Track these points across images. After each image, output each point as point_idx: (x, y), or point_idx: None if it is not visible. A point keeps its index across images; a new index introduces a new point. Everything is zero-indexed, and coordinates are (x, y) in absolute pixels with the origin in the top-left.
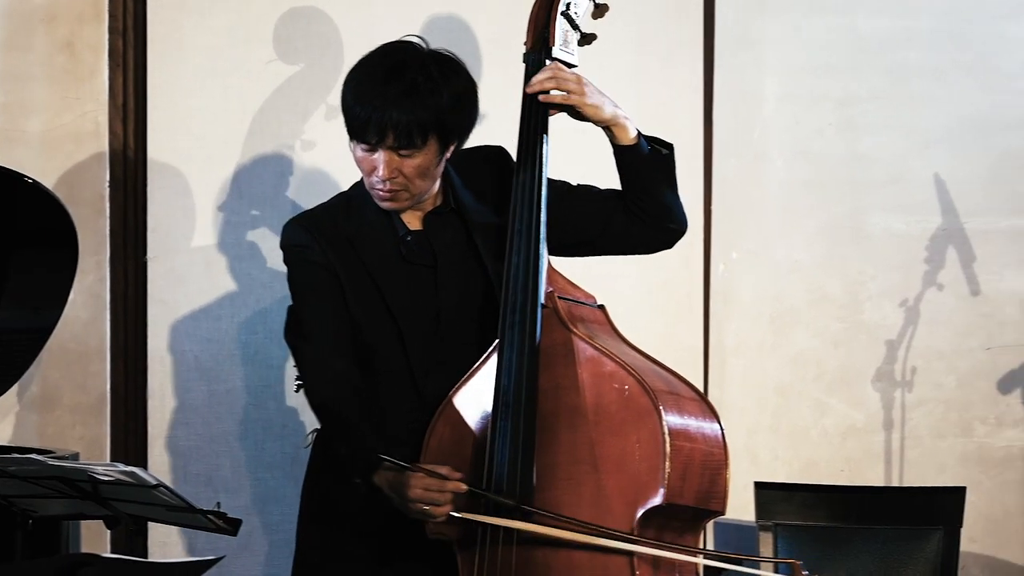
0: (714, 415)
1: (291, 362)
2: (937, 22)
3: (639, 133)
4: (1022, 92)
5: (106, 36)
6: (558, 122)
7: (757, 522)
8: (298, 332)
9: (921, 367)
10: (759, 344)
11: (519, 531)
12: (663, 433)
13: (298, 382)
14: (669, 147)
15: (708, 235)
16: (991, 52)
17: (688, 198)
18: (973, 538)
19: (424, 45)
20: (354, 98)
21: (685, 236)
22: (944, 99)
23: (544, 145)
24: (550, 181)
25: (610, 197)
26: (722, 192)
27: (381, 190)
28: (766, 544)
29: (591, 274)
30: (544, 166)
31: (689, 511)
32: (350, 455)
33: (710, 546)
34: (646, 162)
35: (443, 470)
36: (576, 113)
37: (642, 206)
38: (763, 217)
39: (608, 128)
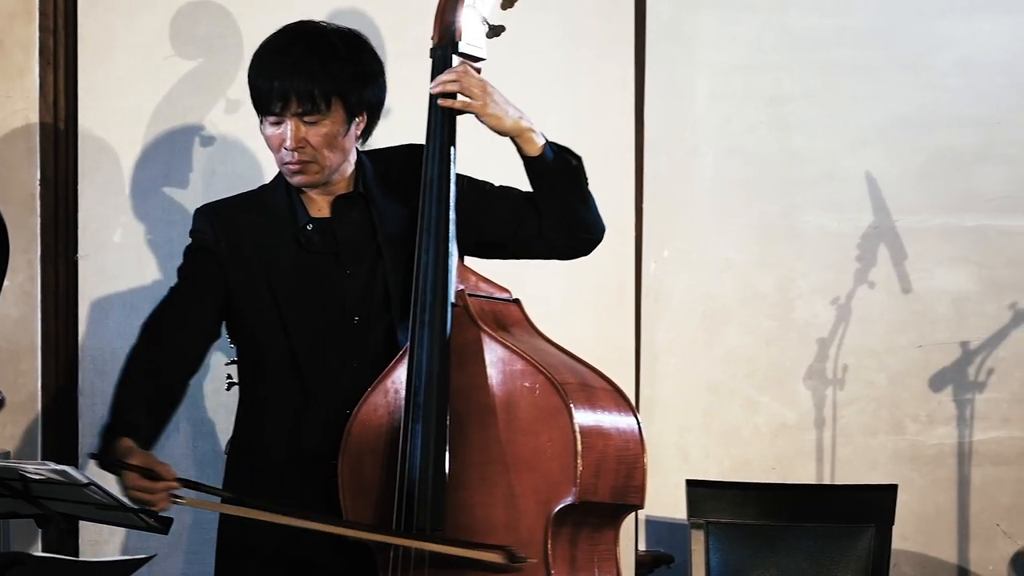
0: (630, 409)
1: (221, 360)
2: (869, 20)
3: (546, 143)
4: (954, 90)
5: (36, 34)
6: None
7: (689, 520)
8: (154, 313)
9: (853, 365)
10: (691, 342)
11: (430, 552)
12: (574, 431)
13: (229, 380)
14: (578, 158)
15: (639, 233)
16: (923, 50)
17: (619, 196)
18: (905, 535)
19: (327, 25)
20: (257, 72)
21: (616, 234)
22: (876, 97)
23: (452, 141)
24: (467, 180)
25: (526, 201)
26: (653, 190)
27: (291, 163)
28: (698, 542)
29: (521, 272)
30: (453, 162)
31: (605, 507)
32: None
33: (641, 545)
34: (553, 173)
35: (161, 468)
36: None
37: (553, 215)
38: (695, 215)
39: (513, 138)
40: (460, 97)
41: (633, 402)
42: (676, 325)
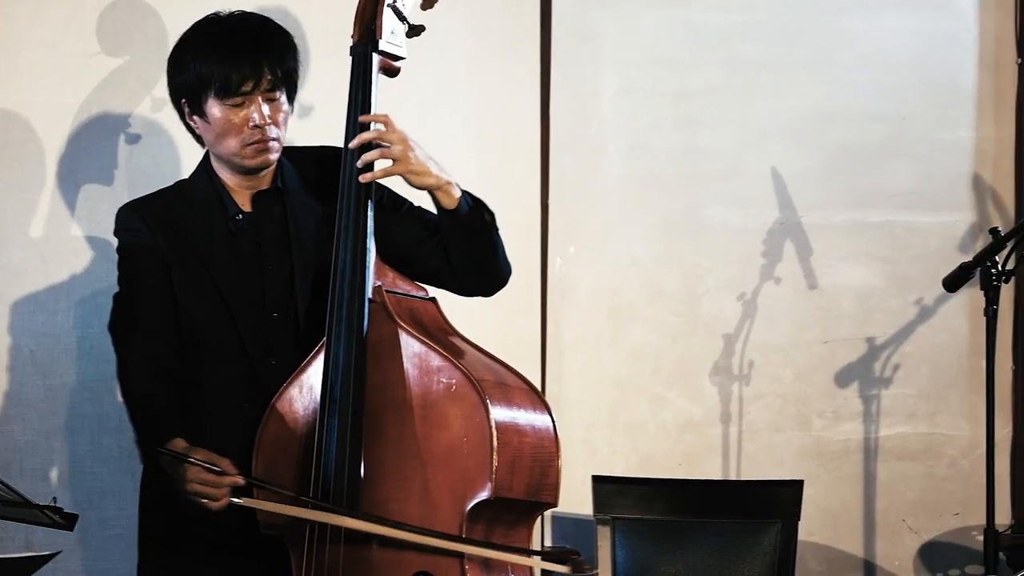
0: (545, 407)
1: None
2: (773, 16)
3: (462, 196)
4: (858, 86)
5: None
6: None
7: (595, 516)
8: (123, 320)
9: (758, 361)
10: (597, 338)
11: (347, 530)
12: (490, 427)
13: None
14: (491, 214)
15: (545, 230)
16: (827, 46)
17: (525, 193)
18: (811, 531)
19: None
20: (216, 58)
21: (522, 231)
22: (781, 93)
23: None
24: (387, 191)
25: (436, 234)
26: (559, 187)
27: (259, 141)
28: (604, 538)
29: None
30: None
31: (520, 504)
32: (140, 441)
33: (547, 541)
34: (467, 228)
35: (224, 463)
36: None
37: (460, 262)
38: (601, 211)
39: (431, 192)
40: (379, 162)
41: None
42: (582, 321)
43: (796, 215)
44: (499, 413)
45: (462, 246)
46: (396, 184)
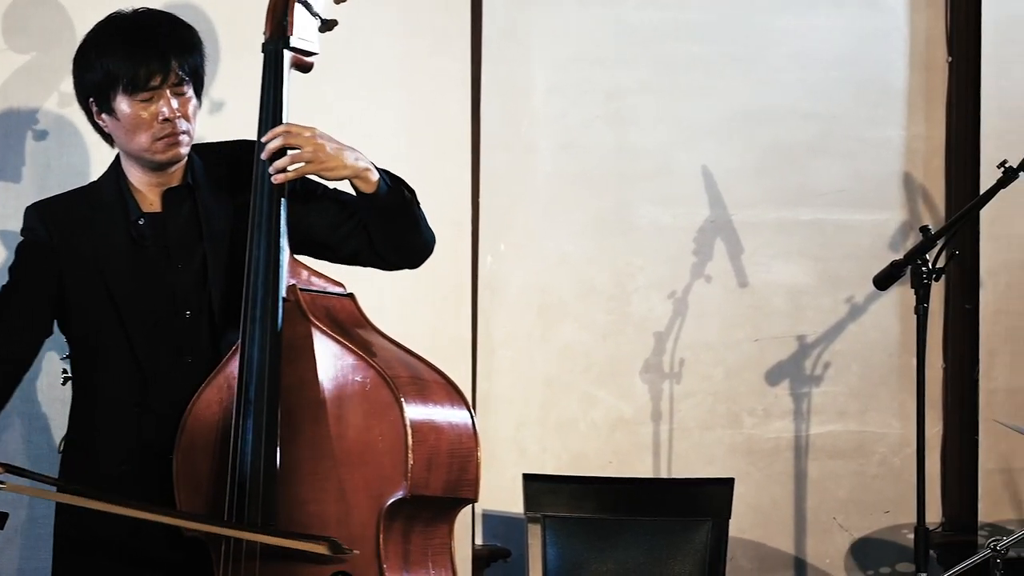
0: (463, 402)
1: (56, 355)
2: (705, 14)
3: (380, 178)
4: (789, 84)
5: None
6: (305, 109)
7: (526, 514)
8: None
9: (689, 359)
10: (527, 336)
11: (261, 545)
12: (404, 425)
13: (64, 375)
14: (411, 191)
15: (476, 227)
16: (758, 44)
17: (456, 190)
18: (742, 529)
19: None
20: (123, 54)
21: (453, 228)
22: (712, 91)
23: None
24: (302, 179)
25: (354, 215)
26: (490, 184)
27: (169, 135)
28: (534, 536)
29: (358, 267)
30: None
31: (438, 501)
32: None
33: (478, 540)
34: (388, 209)
35: None
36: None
37: (382, 242)
38: (531, 209)
39: (349, 179)
40: (292, 165)
41: (470, 396)
42: (512, 319)
43: (727, 213)
44: (414, 410)
45: (384, 226)
46: None
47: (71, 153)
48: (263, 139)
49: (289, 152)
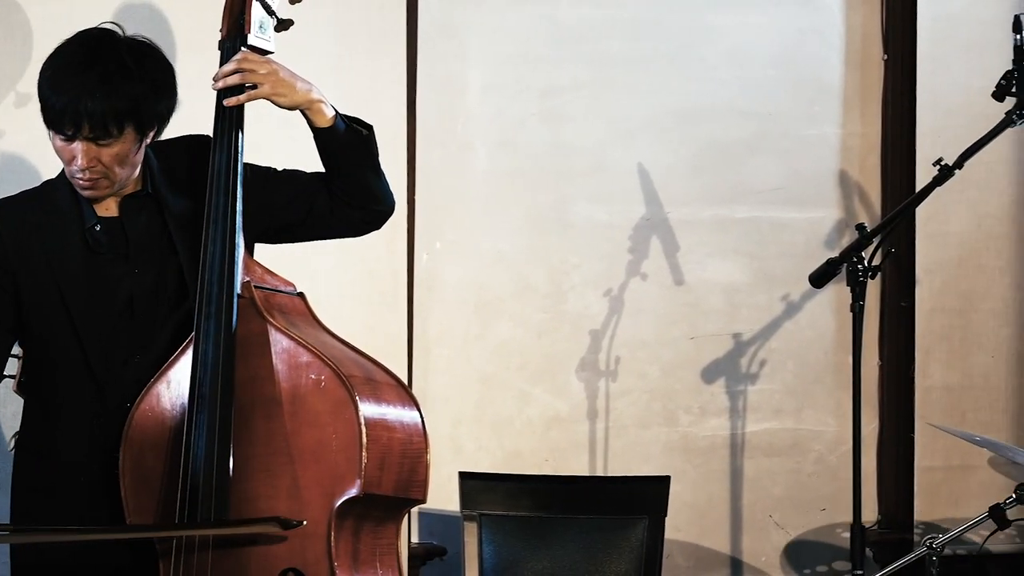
0: (414, 404)
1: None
2: (639, 11)
3: (336, 114)
4: (725, 82)
5: None
6: (262, 106)
7: (462, 512)
8: None
9: (625, 357)
10: (463, 334)
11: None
12: (359, 423)
13: (11, 377)
14: (369, 128)
15: (412, 225)
16: (693, 42)
17: (392, 188)
18: (678, 527)
19: (121, 32)
20: (50, 87)
21: (388, 226)
22: (647, 89)
23: (239, 133)
24: (252, 168)
25: (314, 180)
26: (426, 182)
27: (81, 179)
28: (471, 534)
29: (294, 263)
30: (239, 154)
31: (389, 500)
32: None
33: (415, 538)
34: (345, 144)
35: None
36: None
37: (345, 188)
38: (467, 207)
39: (303, 111)
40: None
41: None
42: (448, 317)
43: (663, 211)
44: (368, 409)
45: (341, 164)
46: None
47: (28, 152)
48: (217, 73)
49: (240, 74)
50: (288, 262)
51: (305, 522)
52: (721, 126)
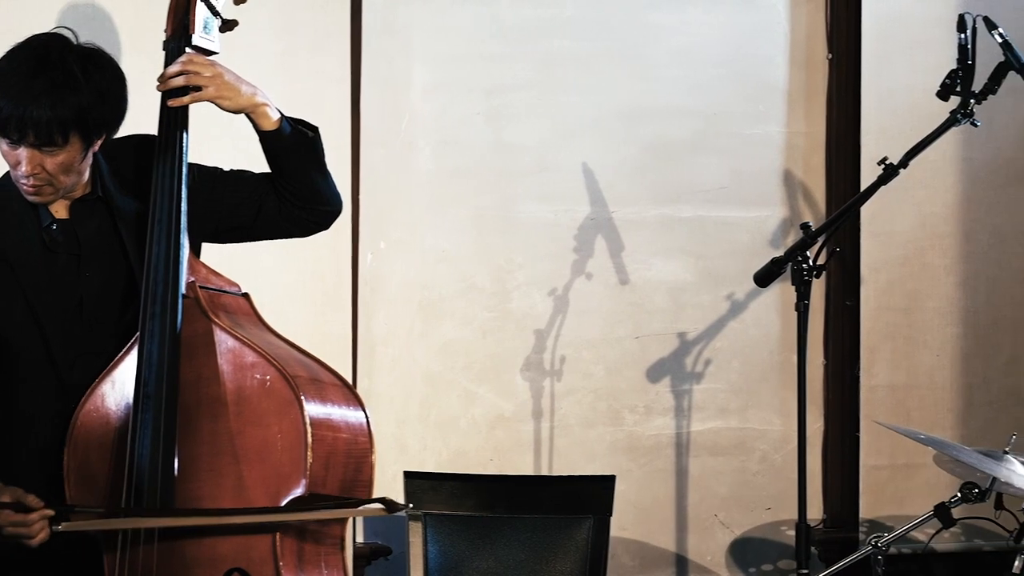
0: (359, 404)
1: None
2: (583, 11)
3: (282, 117)
4: (669, 81)
5: None
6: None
7: (407, 512)
8: None
9: (570, 356)
10: (408, 333)
11: (159, 529)
12: (304, 423)
13: None
14: (314, 129)
15: (356, 224)
16: (638, 41)
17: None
18: (623, 526)
19: (73, 38)
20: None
21: (333, 225)
22: (592, 88)
23: (183, 134)
24: (199, 168)
25: (262, 181)
26: (370, 181)
27: (25, 184)
28: (415, 534)
29: (239, 263)
30: (184, 155)
31: (334, 500)
32: None
33: (359, 537)
34: (290, 147)
35: (30, 499)
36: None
37: (292, 190)
38: (411, 206)
39: (247, 114)
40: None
41: None
42: (393, 316)
43: (607, 210)
44: (313, 409)
45: (288, 166)
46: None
47: None
48: (162, 75)
49: (185, 76)
50: (233, 262)
51: (412, 505)
52: (666, 125)
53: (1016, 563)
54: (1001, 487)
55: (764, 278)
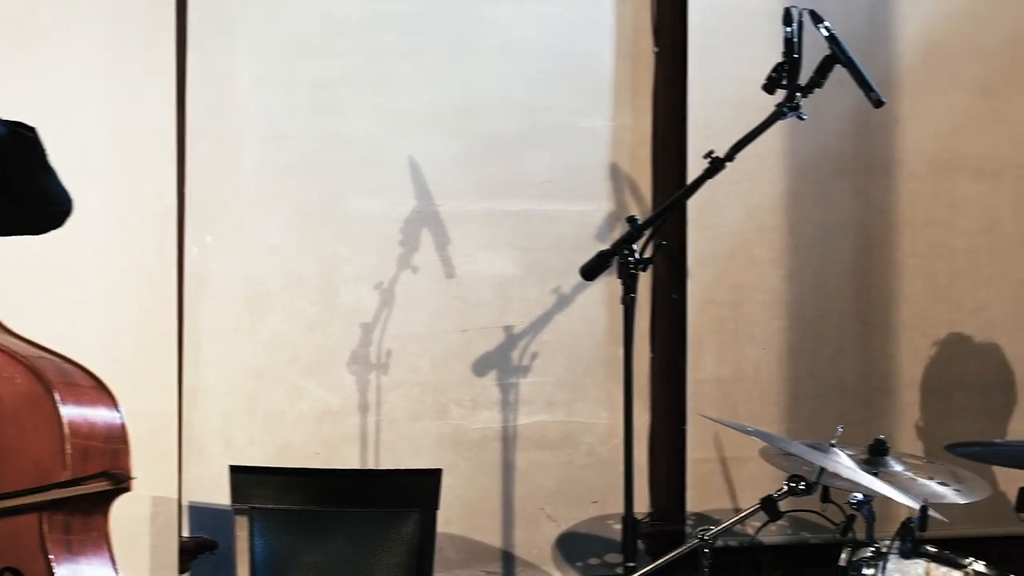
0: (113, 402)
1: None
2: (413, 4)
3: None
4: (497, 74)
5: None
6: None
7: (233, 506)
8: None
9: (396, 350)
10: (234, 327)
11: None
12: (59, 416)
13: None
14: (32, 129)
15: (182, 218)
16: (466, 34)
17: (161, 182)
18: (449, 520)
19: None
20: None
21: (158, 219)
22: (420, 82)
23: None
24: None
25: None
26: (196, 176)
27: None
28: (242, 528)
29: (60, 255)
30: None
31: (95, 493)
32: None
33: (185, 531)
34: (10, 149)
35: None
36: None
37: (18, 192)
38: (239, 200)
39: None
40: None
41: (176, 388)
42: (220, 311)
43: (433, 204)
44: (67, 405)
45: (13, 170)
46: None
47: None
48: None
49: None
50: (54, 254)
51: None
52: (494, 119)
53: (842, 555)
54: (828, 479)
55: (590, 271)
